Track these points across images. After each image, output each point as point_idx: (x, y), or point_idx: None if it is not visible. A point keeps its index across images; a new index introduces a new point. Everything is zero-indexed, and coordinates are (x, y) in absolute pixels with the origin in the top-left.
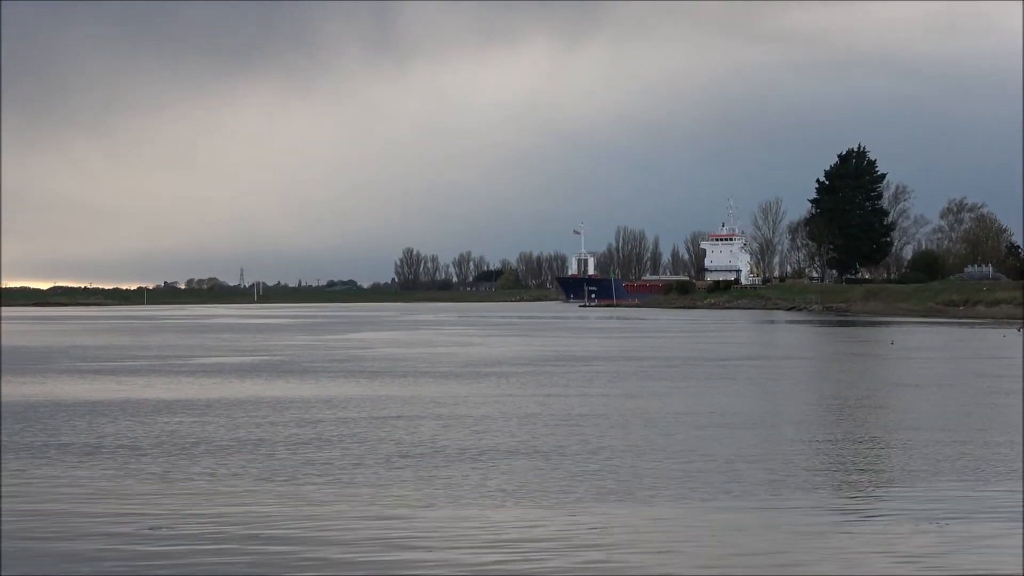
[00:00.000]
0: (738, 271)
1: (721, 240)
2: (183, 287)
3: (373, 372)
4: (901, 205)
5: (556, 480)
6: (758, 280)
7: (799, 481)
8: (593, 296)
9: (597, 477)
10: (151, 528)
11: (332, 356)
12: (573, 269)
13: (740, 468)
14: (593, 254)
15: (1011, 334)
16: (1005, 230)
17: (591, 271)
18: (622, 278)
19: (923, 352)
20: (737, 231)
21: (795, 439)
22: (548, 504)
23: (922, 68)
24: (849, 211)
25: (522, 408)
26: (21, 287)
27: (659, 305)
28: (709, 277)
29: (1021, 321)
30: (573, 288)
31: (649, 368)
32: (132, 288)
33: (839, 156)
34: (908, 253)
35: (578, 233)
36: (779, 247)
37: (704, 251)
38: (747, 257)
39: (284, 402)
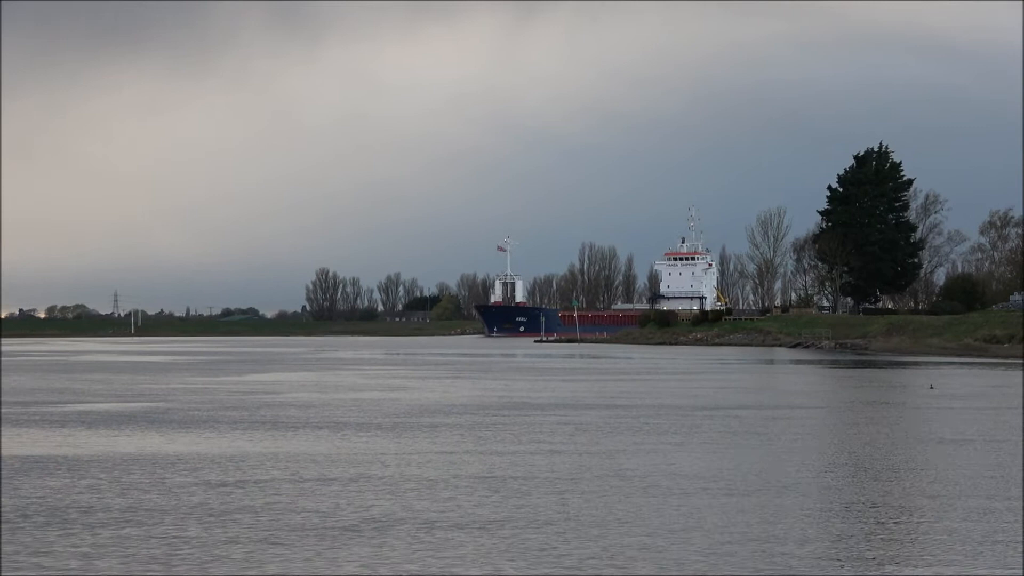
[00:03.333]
0: (702, 298)
1: (680, 259)
2: (43, 316)
3: (288, 423)
4: (932, 218)
5: (542, 566)
6: (725, 307)
7: (806, 567)
8: (522, 328)
9: (591, 562)
10: None
11: (234, 403)
12: (497, 295)
13: (754, 547)
14: (521, 276)
15: None
16: None
17: (519, 298)
18: (586, 306)
19: (959, 400)
20: (701, 248)
21: (805, 508)
22: None
23: (959, 48)
24: (868, 225)
25: (482, 468)
26: None
27: (633, 340)
28: (665, 305)
29: None
30: (497, 319)
31: (629, 419)
32: None
33: (855, 157)
34: (940, 277)
35: (503, 250)
36: (781, 269)
37: (659, 273)
38: (713, 280)
39: (182, 460)
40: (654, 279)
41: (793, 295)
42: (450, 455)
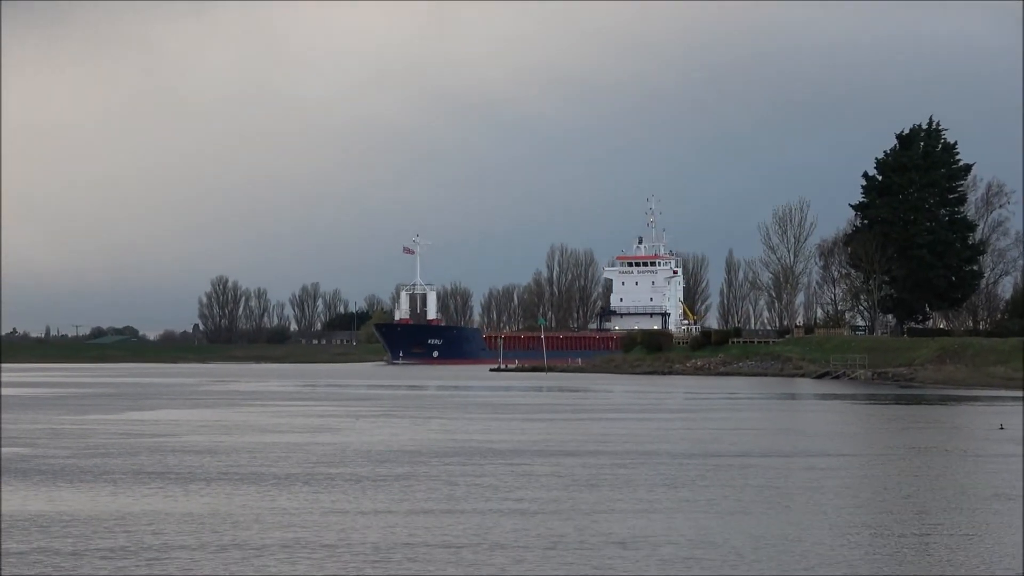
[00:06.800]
0: (664, 314)
1: (637, 265)
2: None
3: (189, 474)
4: (996, 214)
5: None
6: (695, 328)
7: None
8: (436, 354)
9: None
10: None
11: (117, 447)
12: (403, 311)
13: None
14: (433, 286)
15: None
16: None
17: (432, 314)
18: (553, 324)
19: None
20: (663, 250)
21: None
22: None
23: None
24: (915, 223)
25: (451, 533)
26: None
27: (615, 368)
28: (617, 323)
29: None
30: (403, 341)
31: (624, 469)
32: None
33: (898, 136)
34: (1006, 289)
35: (411, 252)
36: (804, 279)
37: (609, 282)
38: (679, 292)
39: (60, 521)
40: (605, 290)
41: (819, 312)
42: (407, 516)
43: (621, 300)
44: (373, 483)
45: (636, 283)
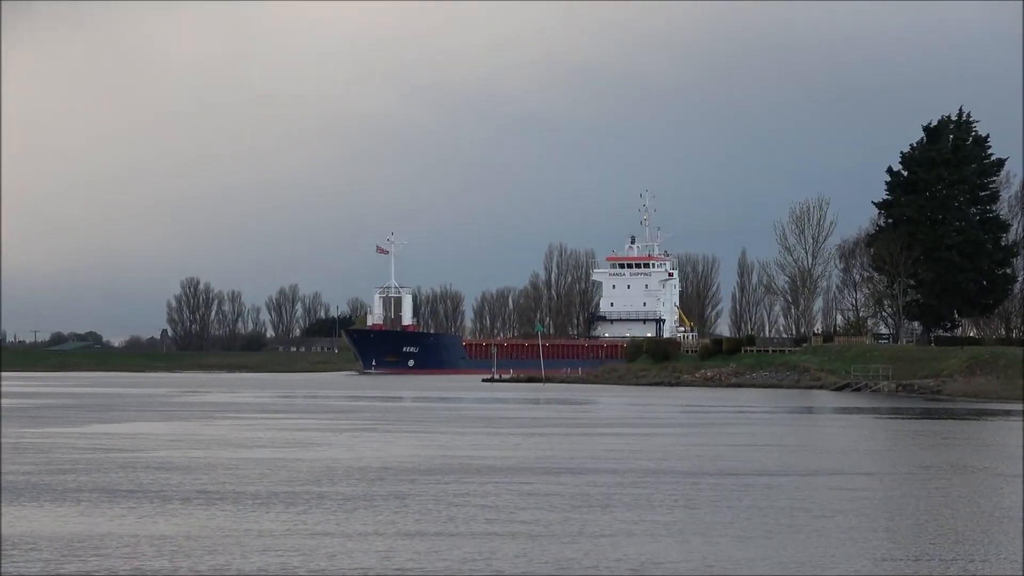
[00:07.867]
0: (659, 320)
1: (629, 267)
2: None
3: (161, 492)
4: None
5: None
6: (691, 335)
7: None
8: (411, 363)
9: None
10: None
11: (84, 463)
12: (376, 316)
13: None
14: (409, 289)
15: None
16: None
17: (407, 320)
18: (552, 330)
19: None
20: (658, 251)
21: None
22: None
23: None
24: (943, 222)
25: (444, 558)
26: None
27: (619, 379)
28: (606, 330)
29: None
30: (376, 348)
31: (634, 489)
32: None
33: (925, 129)
34: None
35: (384, 252)
36: (823, 283)
37: (599, 287)
38: (674, 296)
39: (23, 543)
40: (593, 294)
41: (839, 318)
42: (401, 539)
43: (612, 304)
44: (363, 503)
45: (628, 286)
